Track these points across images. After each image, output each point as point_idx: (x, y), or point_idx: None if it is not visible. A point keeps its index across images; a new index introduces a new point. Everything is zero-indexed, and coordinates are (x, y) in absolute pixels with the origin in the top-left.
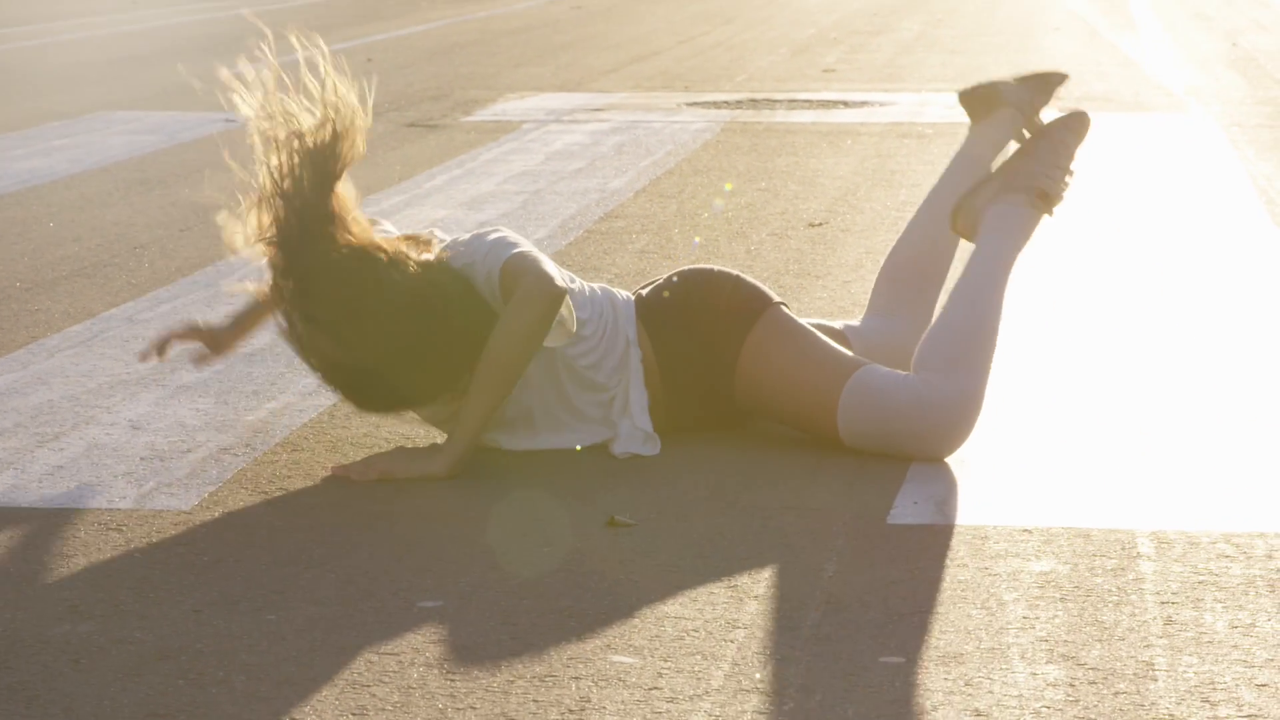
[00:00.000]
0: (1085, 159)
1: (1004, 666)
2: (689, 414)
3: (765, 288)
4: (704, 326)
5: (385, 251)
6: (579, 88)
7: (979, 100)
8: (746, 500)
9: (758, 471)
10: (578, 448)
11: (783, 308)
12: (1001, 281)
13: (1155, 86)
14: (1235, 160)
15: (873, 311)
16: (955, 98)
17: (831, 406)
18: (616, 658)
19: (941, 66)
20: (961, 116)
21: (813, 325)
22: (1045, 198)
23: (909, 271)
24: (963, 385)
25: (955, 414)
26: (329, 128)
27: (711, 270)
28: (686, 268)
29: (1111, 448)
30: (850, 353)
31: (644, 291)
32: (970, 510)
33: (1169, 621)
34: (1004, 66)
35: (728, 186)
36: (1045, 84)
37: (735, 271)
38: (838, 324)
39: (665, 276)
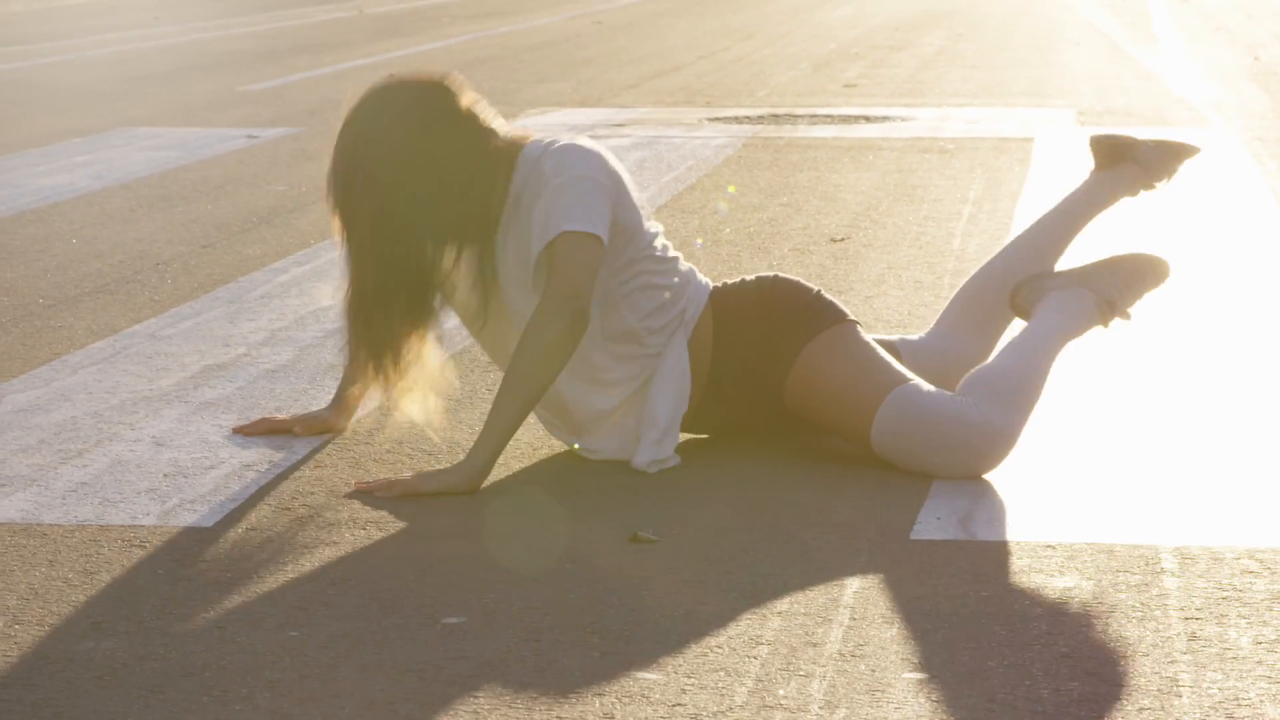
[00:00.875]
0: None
1: (1028, 683)
2: (729, 410)
3: (844, 307)
4: (773, 321)
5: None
6: (600, 103)
7: (1109, 149)
8: (769, 516)
9: (780, 487)
10: (575, 446)
11: (857, 326)
12: (1053, 353)
13: (1177, 100)
14: (1258, 174)
15: (936, 329)
16: (1087, 141)
17: (870, 410)
18: (640, 674)
19: (963, 81)
20: (983, 131)
21: (876, 340)
22: (1111, 307)
23: (981, 298)
24: (1004, 417)
25: (990, 437)
26: None
27: (795, 279)
28: (768, 273)
29: (1134, 463)
30: (902, 368)
31: (722, 283)
32: (993, 526)
33: (1193, 637)
34: (1025, 82)
35: (731, 189)
36: (1177, 154)
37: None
38: (893, 337)
39: (745, 277)
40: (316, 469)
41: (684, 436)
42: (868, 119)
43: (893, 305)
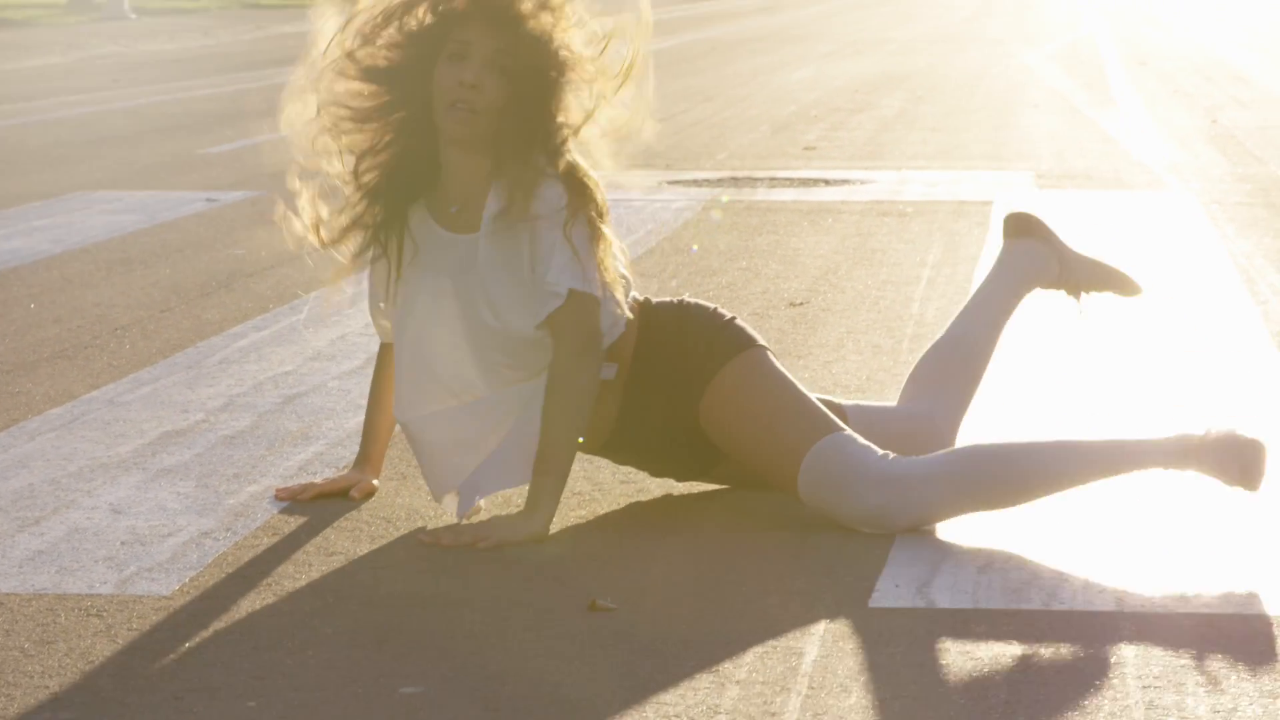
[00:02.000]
0: (1067, 238)
1: None
2: (646, 433)
3: (757, 334)
4: (684, 347)
5: None
6: None
7: (1018, 223)
8: (728, 582)
9: (738, 553)
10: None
11: (767, 352)
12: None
13: (1135, 164)
14: (1216, 238)
15: (899, 403)
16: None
17: (796, 458)
18: None
19: (922, 144)
20: (942, 194)
21: (819, 399)
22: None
23: (936, 367)
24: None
25: (912, 505)
26: None
27: (714, 306)
28: (694, 300)
29: (1091, 530)
30: (834, 417)
31: (648, 298)
32: (951, 593)
33: (1151, 706)
34: (984, 144)
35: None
36: (1110, 279)
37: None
38: (845, 401)
39: (670, 299)
40: (274, 536)
41: (609, 468)
42: (827, 182)
43: (851, 370)
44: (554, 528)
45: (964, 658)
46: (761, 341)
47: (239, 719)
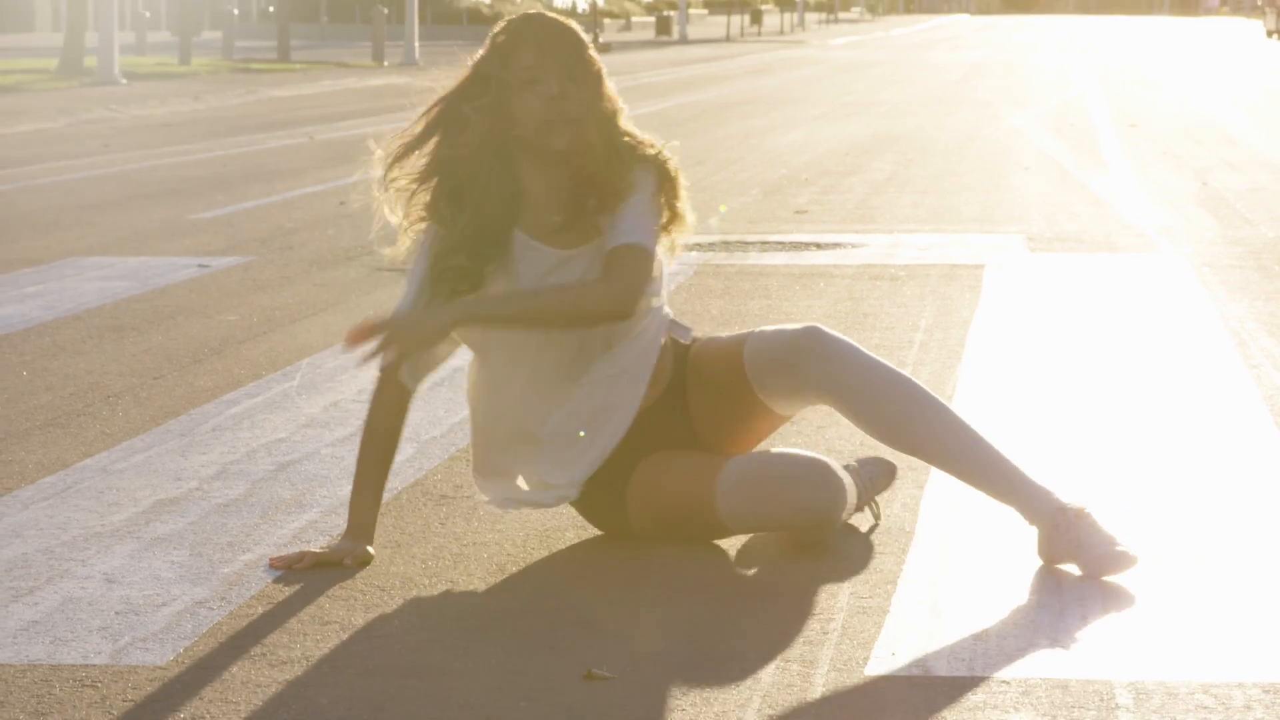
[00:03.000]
0: (1059, 302)
1: None
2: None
3: None
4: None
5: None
6: None
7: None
8: (724, 650)
9: (734, 620)
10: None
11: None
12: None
13: (1126, 226)
14: (1207, 301)
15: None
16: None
17: (710, 493)
18: None
19: (913, 207)
20: (934, 258)
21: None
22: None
23: None
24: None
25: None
26: None
27: None
28: None
29: (1088, 596)
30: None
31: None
32: (948, 661)
33: None
34: (975, 207)
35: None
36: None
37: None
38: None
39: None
40: (269, 605)
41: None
42: (819, 246)
43: (845, 435)
44: (551, 595)
45: None
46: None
47: None
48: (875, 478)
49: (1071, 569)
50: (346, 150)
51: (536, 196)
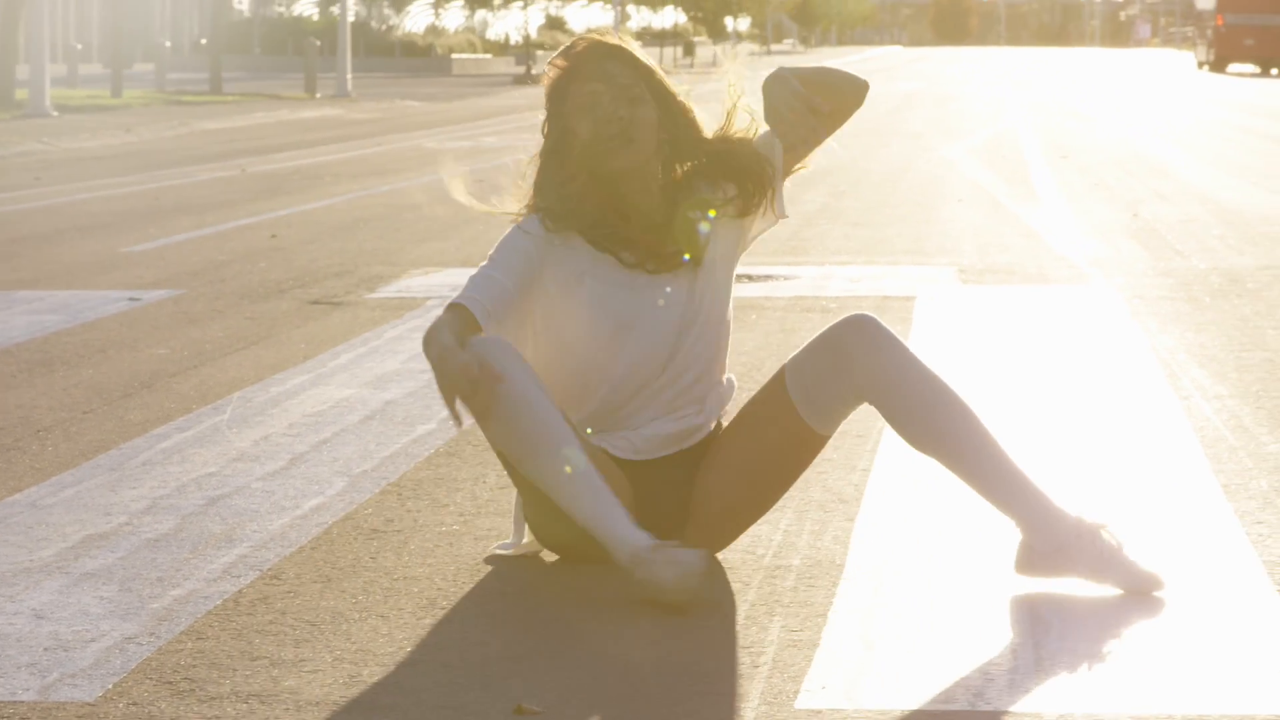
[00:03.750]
0: (991, 333)
1: None
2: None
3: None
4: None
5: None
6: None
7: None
8: (655, 683)
9: (664, 654)
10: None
11: None
12: None
13: (1058, 258)
14: (1138, 332)
15: None
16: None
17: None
18: None
19: (845, 239)
20: (865, 289)
21: None
22: None
23: None
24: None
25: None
26: None
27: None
28: None
29: (1016, 628)
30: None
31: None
32: (879, 694)
33: None
34: (907, 239)
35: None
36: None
37: None
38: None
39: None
40: (198, 640)
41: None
42: (750, 278)
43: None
44: (482, 629)
45: None
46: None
47: None
48: None
49: (1037, 588)
50: (278, 183)
51: (639, 216)
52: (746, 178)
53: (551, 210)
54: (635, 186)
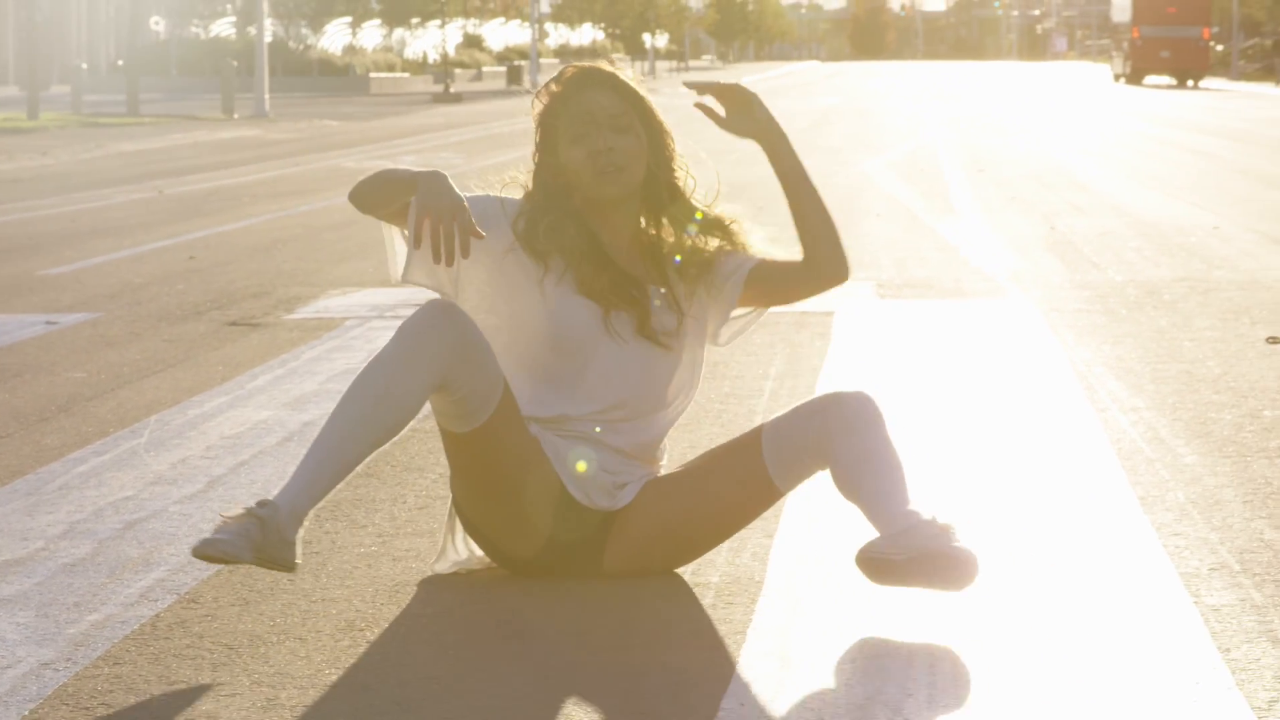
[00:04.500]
0: (909, 348)
1: None
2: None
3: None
4: None
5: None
6: (402, 282)
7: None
8: (572, 704)
9: (580, 672)
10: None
11: None
12: None
13: (975, 271)
14: (1055, 345)
15: None
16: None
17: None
18: None
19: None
20: (783, 306)
21: None
22: None
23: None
24: None
25: None
26: None
27: None
28: None
29: (935, 645)
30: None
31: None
32: (797, 712)
33: None
34: None
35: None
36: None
37: None
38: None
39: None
40: (115, 666)
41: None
42: None
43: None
44: (400, 652)
45: None
46: None
47: None
48: None
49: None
50: (196, 204)
51: (614, 251)
52: (692, 256)
53: (532, 243)
54: (614, 220)
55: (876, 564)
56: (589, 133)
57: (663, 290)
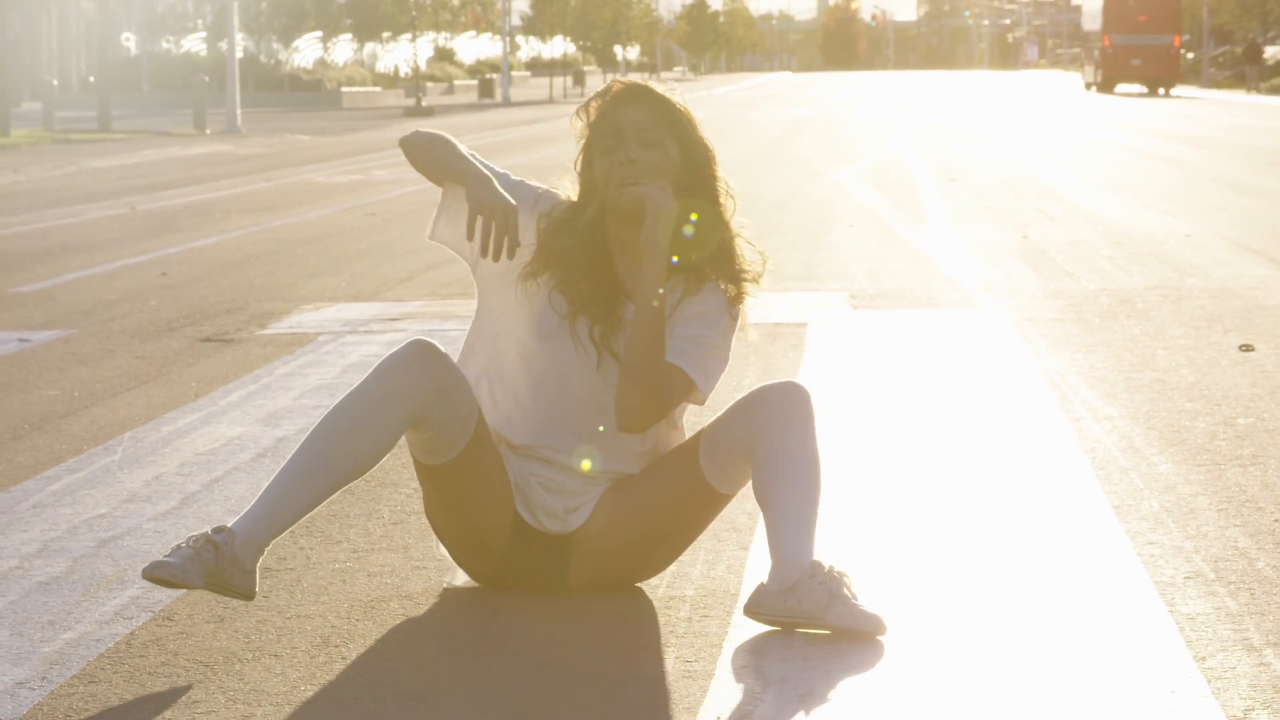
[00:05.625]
0: (882, 359)
1: None
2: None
3: None
4: None
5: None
6: (374, 297)
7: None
8: (548, 718)
9: (558, 685)
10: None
11: None
12: None
13: (947, 281)
14: (1028, 355)
15: None
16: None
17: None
18: None
19: None
20: (756, 317)
21: None
22: None
23: None
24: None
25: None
26: None
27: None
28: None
29: (909, 654)
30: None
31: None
32: None
33: None
34: (798, 265)
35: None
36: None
37: None
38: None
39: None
40: (90, 684)
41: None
42: None
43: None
44: (375, 667)
45: None
46: None
47: None
48: None
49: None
50: (169, 220)
51: (625, 263)
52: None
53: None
54: (634, 232)
55: (760, 617)
56: (616, 145)
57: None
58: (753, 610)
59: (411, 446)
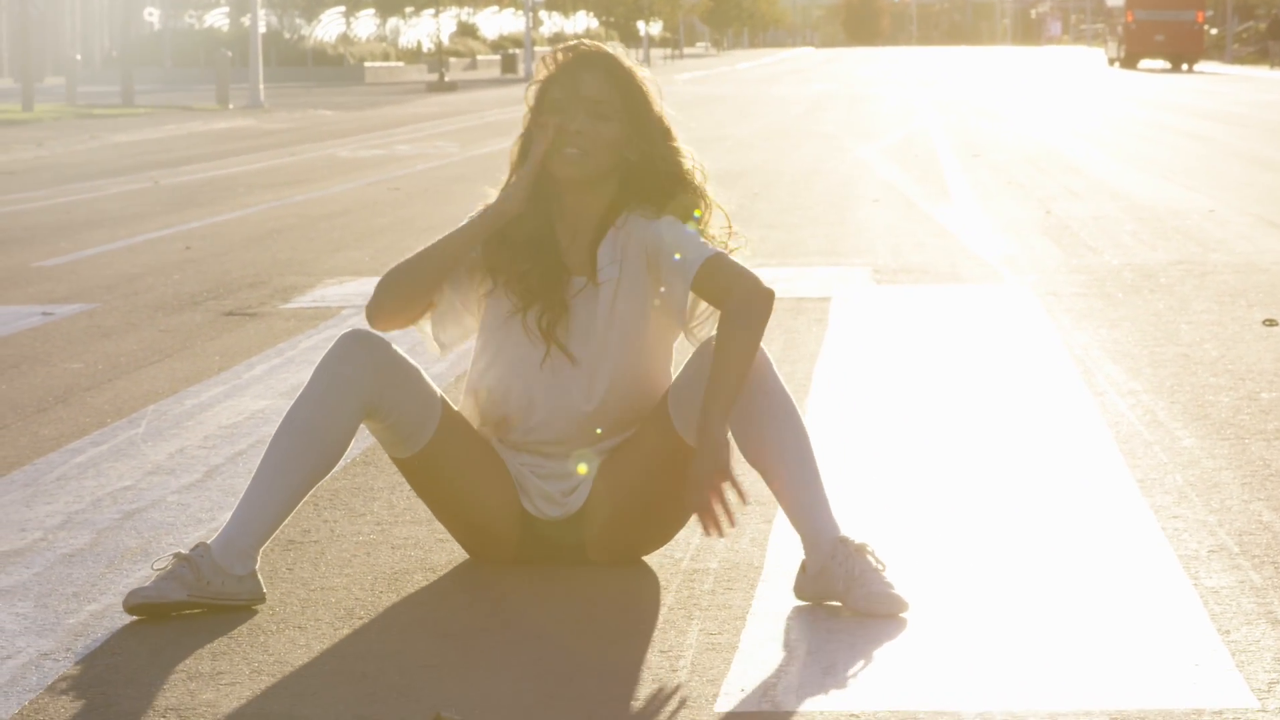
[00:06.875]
0: (906, 333)
1: None
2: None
3: None
4: None
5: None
6: None
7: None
8: (573, 690)
9: (582, 659)
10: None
11: None
12: None
13: (971, 257)
14: (1052, 330)
15: None
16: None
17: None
18: None
19: (759, 241)
20: (780, 291)
21: None
22: None
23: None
24: None
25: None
26: None
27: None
28: None
29: (935, 628)
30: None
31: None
32: (797, 696)
33: None
34: (821, 240)
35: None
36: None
37: None
38: None
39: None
40: (114, 656)
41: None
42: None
43: None
44: (399, 639)
45: None
46: None
47: None
48: None
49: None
50: (191, 195)
51: (576, 233)
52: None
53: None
54: (585, 199)
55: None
56: (566, 110)
57: (584, 280)
58: (799, 591)
59: (383, 445)
